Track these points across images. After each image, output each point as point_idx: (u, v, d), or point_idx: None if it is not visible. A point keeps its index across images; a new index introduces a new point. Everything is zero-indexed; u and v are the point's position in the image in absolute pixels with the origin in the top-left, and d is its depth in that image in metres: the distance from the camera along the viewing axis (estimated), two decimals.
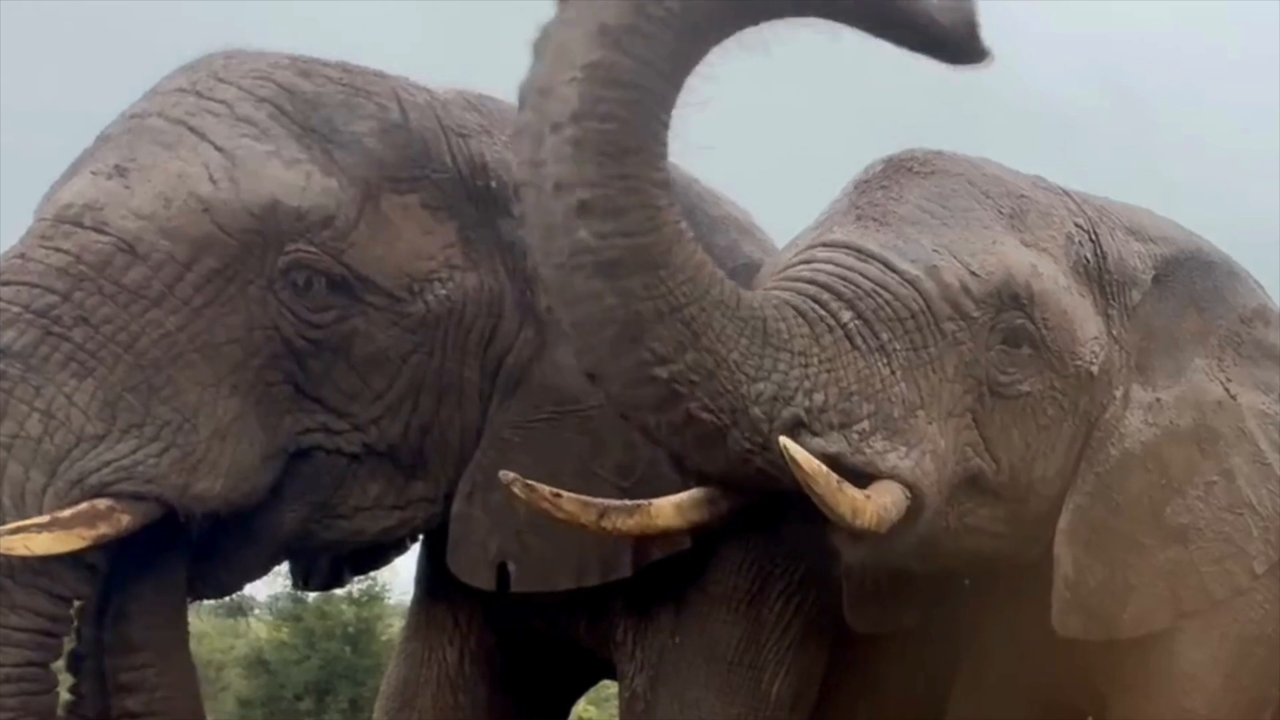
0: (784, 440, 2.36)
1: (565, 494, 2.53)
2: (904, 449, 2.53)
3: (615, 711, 3.37)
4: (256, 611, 14.39)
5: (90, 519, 2.34)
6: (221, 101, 2.61)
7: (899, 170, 2.78)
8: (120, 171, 2.51)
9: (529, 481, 2.49)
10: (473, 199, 2.76)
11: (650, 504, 2.58)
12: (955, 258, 2.66)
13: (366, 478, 2.73)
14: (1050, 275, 2.79)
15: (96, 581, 2.44)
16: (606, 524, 2.54)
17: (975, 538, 2.75)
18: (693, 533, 2.68)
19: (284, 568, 3.21)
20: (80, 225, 2.45)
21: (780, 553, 3.08)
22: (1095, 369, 2.84)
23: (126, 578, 2.50)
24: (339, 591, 12.37)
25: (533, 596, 2.91)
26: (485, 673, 3.32)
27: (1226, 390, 3.03)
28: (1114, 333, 2.92)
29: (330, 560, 3.23)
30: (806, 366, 2.47)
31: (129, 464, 2.40)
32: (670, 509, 2.59)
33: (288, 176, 2.56)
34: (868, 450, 2.48)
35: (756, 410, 2.41)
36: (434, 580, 3.36)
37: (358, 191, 2.63)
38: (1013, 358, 2.71)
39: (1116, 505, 2.86)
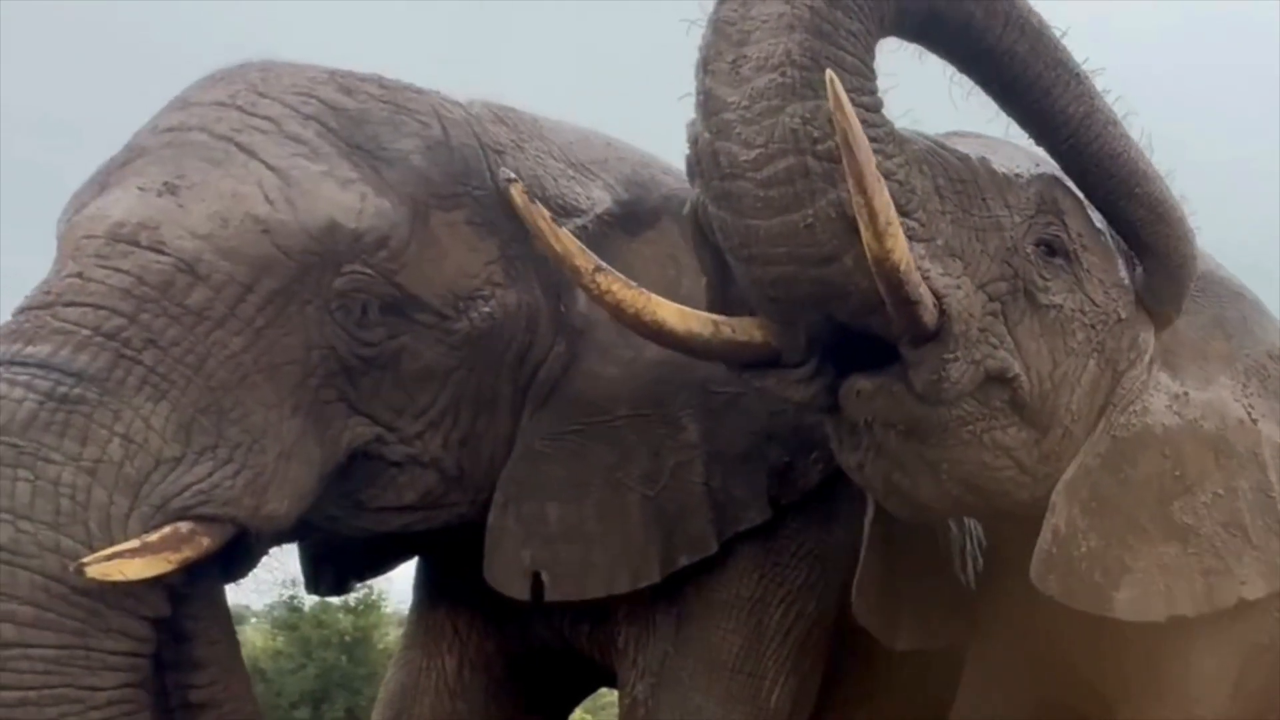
0: (831, 75, 2.24)
1: (563, 230, 2.56)
2: (940, 268, 2.48)
3: None
4: (253, 620, 14.36)
5: (175, 543, 2.34)
6: (267, 118, 2.61)
7: (951, 133, 2.80)
8: (171, 189, 2.49)
9: (529, 192, 2.55)
10: (509, 215, 2.76)
11: (653, 295, 2.57)
12: (1001, 162, 2.70)
13: (405, 485, 2.75)
14: (1084, 206, 2.80)
15: (172, 601, 2.43)
16: (601, 279, 2.54)
17: (997, 458, 2.66)
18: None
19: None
20: (137, 245, 2.44)
21: (781, 560, 3.10)
22: (1123, 313, 2.82)
23: (178, 596, 2.49)
24: (335, 600, 12.37)
25: (542, 604, 2.92)
26: (484, 680, 3.34)
27: (1249, 414, 3.00)
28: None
29: (336, 565, 3.23)
30: (897, 149, 2.45)
31: (207, 487, 2.40)
32: (674, 309, 2.57)
33: (344, 198, 2.56)
34: (909, 244, 2.38)
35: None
36: (433, 588, 3.38)
37: (408, 211, 2.65)
38: (1048, 264, 2.69)
39: (1125, 479, 2.81)
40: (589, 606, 3.00)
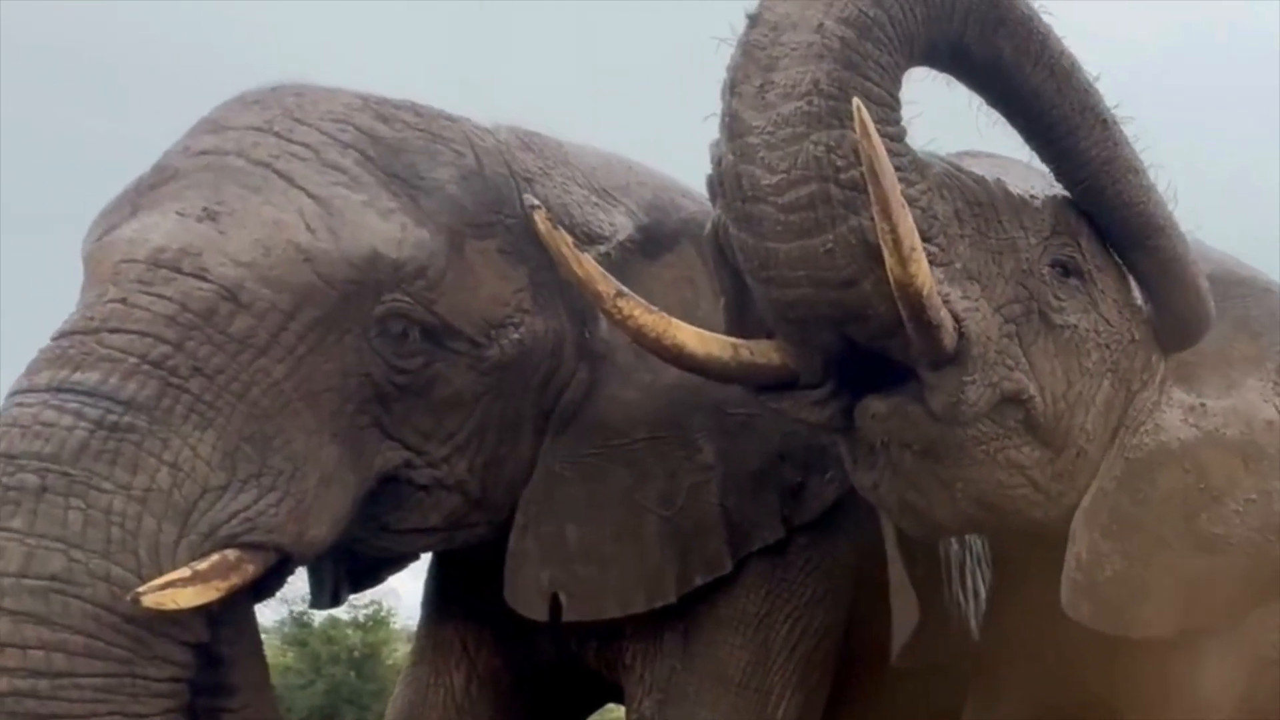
0: (858, 103, 2.26)
1: (586, 255, 2.61)
2: (959, 291, 2.50)
3: None
4: (263, 636, 14.39)
5: (224, 570, 2.37)
6: (305, 145, 2.63)
7: (964, 153, 2.83)
8: (211, 215, 2.50)
9: (552, 219, 2.60)
10: (537, 243, 2.78)
11: (674, 320, 2.59)
12: (1016, 183, 2.72)
13: (431, 508, 2.78)
14: (1095, 233, 2.82)
15: (210, 625, 2.45)
16: (622, 304, 2.57)
17: (1011, 477, 2.67)
18: (723, 374, 2.66)
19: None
20: (179, 271, 2.45)
21: (788, 576, 3.12)
22: (1137, 334, 2.84)
23: (215, 620, 2.50)
24: (344, 616, 12.38)
25: (559, 623, 2.95)
26: (491, 696, 3.35)
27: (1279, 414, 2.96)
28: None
29: (335, 578, 3.24)
30: (919, 176, 2.48)
31: (253, 514, 2.42)
32: (693, 333, 2.59)
33: (385, 228, 2.59)
34: (930, 268, 2.40)
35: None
36: (441, 604, 3.40)
37: (445, 240, 2.68)
38: (1063, 285, 2.71)
39: (1144, 498, 2.80)
40: (598, 623, 3.02)
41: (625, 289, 2.59)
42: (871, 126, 2.24)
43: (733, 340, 2.62)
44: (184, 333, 2.40)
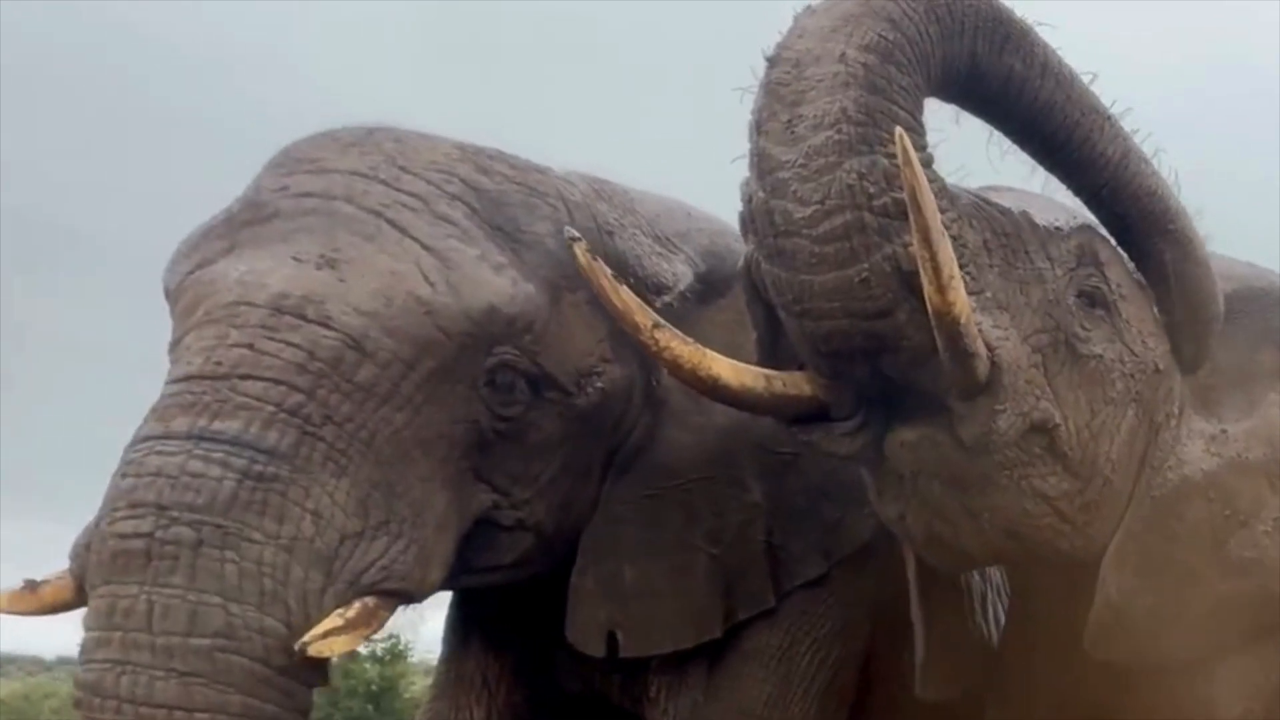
0: (900, 131, 2.28)
1: (624, 287, 2.65)
2: (990, 321, 2.51)
3: None
4: None
5: (365, 618, 2.42)
6: (414, 195, 2.67)
7: (988, 187, 2.85)
8: (330, 263, 2.53)
9: (591, 251, 2.65)
10: None
11: (709, 351, 2.62)
12: (1041, 215, 2.73)
13: (509, 547, 2.84)
14: (1122, 257, 2.86)
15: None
16: (659, 335, 2.60)
17: (1037, 505, 2.66)
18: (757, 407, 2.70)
19: None
20: (304, 319, 2.47)
21: (811, 609, 3.15)
22: (1161, 364, 2.85)
23: None
24: (362, 649, 12.34)
25: (574, 654, 3.01)
26: None
27: None
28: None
29: None
30: (949, 204, 2.49)
31: (387, 562, 2.48)
32: (728, 364, 2.62)
33: (499, 283, 2.65)
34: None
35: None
36: (463, 637, 3.42)
37: (547, 294, 2.75)
38: (1089, 315, 2.73)
39: (1173, 533, 2.81)
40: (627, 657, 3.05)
41: (662, 321, 2.63)
42: (914, 155, 2.27)
43: (766, 372, 2.66)
44: (315, 381, 2.43)
